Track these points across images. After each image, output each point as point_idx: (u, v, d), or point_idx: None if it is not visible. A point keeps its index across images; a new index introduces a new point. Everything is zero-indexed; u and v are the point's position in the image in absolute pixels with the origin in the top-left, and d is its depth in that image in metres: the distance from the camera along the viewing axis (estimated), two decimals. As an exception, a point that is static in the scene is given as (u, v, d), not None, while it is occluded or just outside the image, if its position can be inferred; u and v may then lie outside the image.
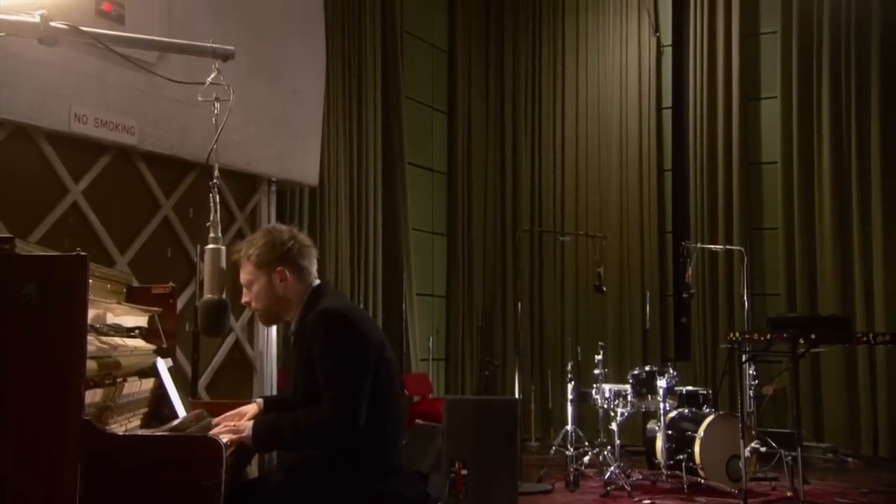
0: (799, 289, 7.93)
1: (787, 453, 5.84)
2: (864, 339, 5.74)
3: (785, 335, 5.36)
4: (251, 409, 2.92)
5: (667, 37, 8.88)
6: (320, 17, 6.39)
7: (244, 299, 2.89)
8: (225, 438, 2.48)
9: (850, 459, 7.33)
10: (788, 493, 5.67)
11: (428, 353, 8.48)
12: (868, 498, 5.93)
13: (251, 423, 2.68)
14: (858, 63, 7.86)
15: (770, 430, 6.73)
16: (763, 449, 6.00)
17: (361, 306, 7.17)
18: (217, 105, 2.76)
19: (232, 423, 2.74)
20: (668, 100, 8.85)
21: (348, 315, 2.73)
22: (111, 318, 2.79)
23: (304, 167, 6.17)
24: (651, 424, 6.47)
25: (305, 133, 6.15)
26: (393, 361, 2.81)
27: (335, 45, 7.00)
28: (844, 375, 7.67)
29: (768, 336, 5.57)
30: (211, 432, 2.67)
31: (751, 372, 6.42)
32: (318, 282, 2.88)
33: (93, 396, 2.38)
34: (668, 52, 8.88)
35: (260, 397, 3.02)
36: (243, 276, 2.86)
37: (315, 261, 2.90)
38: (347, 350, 2.64)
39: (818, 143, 7.99)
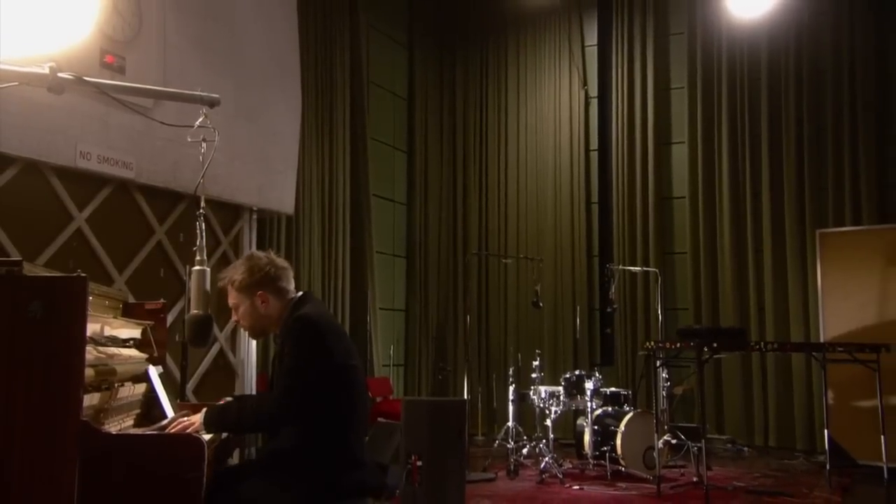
0: (704, 304, 8.04)
1: (693, 444, 5.90)
2: (757, 347, 5.86)
3: (692, 344, 5.43)
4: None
5: (593, 90, 8.99)
6: (297, 69, 6.40)
7: (233, 318, 2.88)
8: (207, 437, 2.45)
9: (745, 449, 7.43)
10: (695, 479, 5.73)
11: (389, 360, 8.44)
12: (760, 481, 6.01)
13: (203, 411, 2.63)
14: (751, 114, 8.04)
15: (679, 424, 6.80)
16: (674, 441, 6.07)
17: (331, 319, 7.11)
18: (204, 144, 2.75)
19: (184, 421, 2.66)
20: (594, 143, 8.94)
21: (318, 322, 2.69)
22: (108, 331, 2.74)
23: (282, 198, 6.14)
24: (580, 421, 6.50)
25: (283, 168, 6.13)
26: (359, 367, 2.78)
27: (310, 92, 7.00)
28: (741, 377, 7.77)
29: (678, 344, 5.65)
30: (166, 431, 2.63)
31: (664, 375, 6.47)
32: (300, 294, 2.85)
33: (91, 400, 2.35)
34: (594, 103, 8.98)
35: (227, 398, 2.96)
36: (230, 301, 2.83)
37: (292, 279, 2.87)
38: (308, 351, 2.60)
39: (719, 182, 8.14)
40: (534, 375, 6.51)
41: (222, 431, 2.70)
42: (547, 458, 6.07)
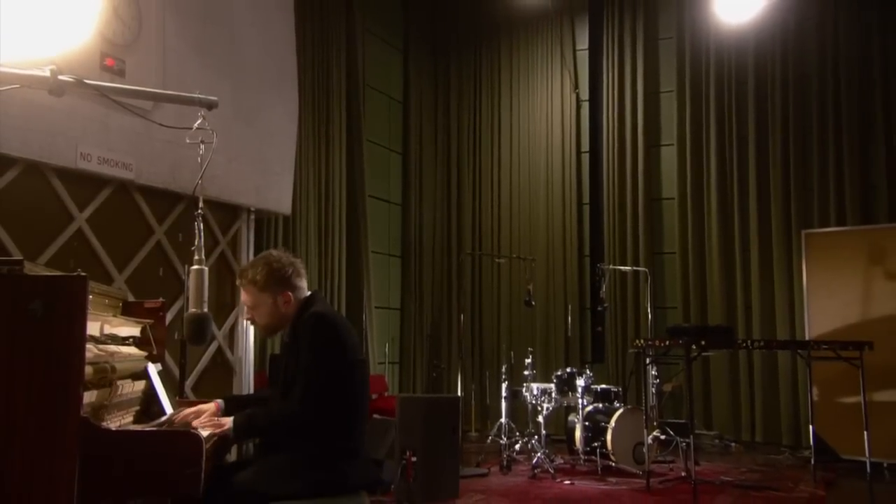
0: (692, 303, 8.06)
1: (682, 440, 5.92)
2: (744, 344, 5.87)
3: (681, 342, 5.43)
4: (210, 407, 2.83)
5: (585, 93, 9.01)
6: (293, 71, 6.39)
7: (246, 316, 2.89)
8: (206, 432, 2.45)
9: (732, 444, 7.46)
10: (683, 473, 5.75)
11: (384, 358, 8.44)
12: (746, 476, 6.04)
13: (232, 418, 2.65)
14: (738, 117, 8.08)
15: (668, 420, 6.81)
16: (663, 437, 6.09)
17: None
18: (202, 146, 2.75)
19: (214, 420, 2.69)
20: (585, 145, 8.96)
21: (332, 321, 2.71)
22: (108, 329, 2.73)
23: (279, 199, 6.14)
24: (571, 417, 6.52)
25: (280, 169, 6.13)
26: (366, 362, 2.79)
27: (307, 95, 6.99)
28: (728, 375, 7.80)
29: (667, 342, 5.65)
30: (195, 423, 2.63)
31: (653, 372, 6.50)
32: (308, 292, 2.87)
33: (90, 397, 2.34)
34: (585, 106, 9.00)
35: (220, 398, 2.95)
36: (247, 299, 2.83)
37: (305, 278, 2.90)
38: (326, 351, 2.62)
39: (707, 183, 8.17)
40: (526, 373, 6.52)
41: (255, 437, 2.70)
42: (539, 454, 6.08)
